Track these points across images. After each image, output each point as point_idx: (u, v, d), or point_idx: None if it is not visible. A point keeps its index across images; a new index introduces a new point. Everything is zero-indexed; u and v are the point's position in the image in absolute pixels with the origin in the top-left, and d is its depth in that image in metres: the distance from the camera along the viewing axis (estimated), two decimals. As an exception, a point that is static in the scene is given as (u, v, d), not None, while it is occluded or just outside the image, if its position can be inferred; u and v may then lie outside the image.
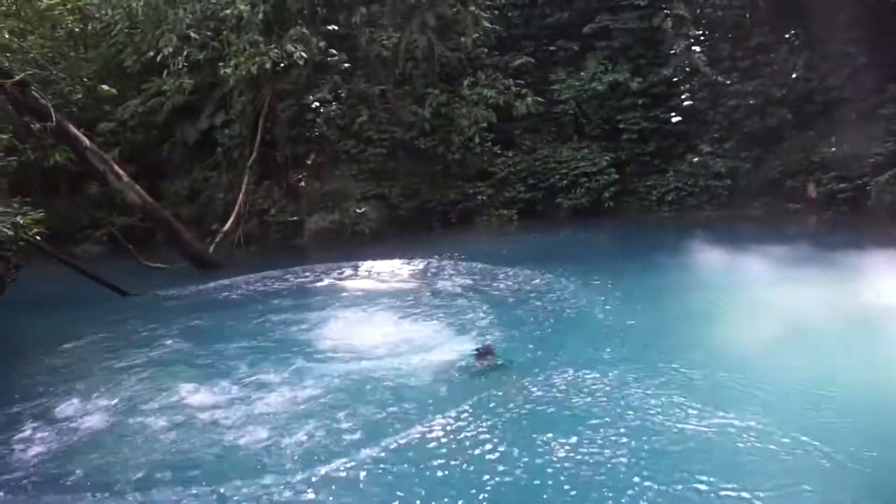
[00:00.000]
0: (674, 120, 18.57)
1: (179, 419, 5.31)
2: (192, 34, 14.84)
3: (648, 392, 5.45)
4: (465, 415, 5.23)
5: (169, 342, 7.81)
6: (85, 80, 16.46)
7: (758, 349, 6.22)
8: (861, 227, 13.61)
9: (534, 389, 5.77)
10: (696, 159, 18.20)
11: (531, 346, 7.21)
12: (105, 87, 11.77)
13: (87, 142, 12.03)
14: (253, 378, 6.27)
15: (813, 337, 6.56)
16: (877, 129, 14.85)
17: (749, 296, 8.29)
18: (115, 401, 5.86)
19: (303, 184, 18.11)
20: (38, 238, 9.55)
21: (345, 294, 10.38)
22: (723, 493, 3.90)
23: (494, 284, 10.25)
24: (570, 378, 5.95)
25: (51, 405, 5.83)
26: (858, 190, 14.65)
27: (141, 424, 5.26)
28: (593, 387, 5.69)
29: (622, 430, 4.79)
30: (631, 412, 5.10)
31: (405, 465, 4.49)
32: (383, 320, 8.16)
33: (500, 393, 5.71)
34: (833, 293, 7.69)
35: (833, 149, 16.04)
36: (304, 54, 14.20)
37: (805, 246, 11.27)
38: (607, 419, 5.02)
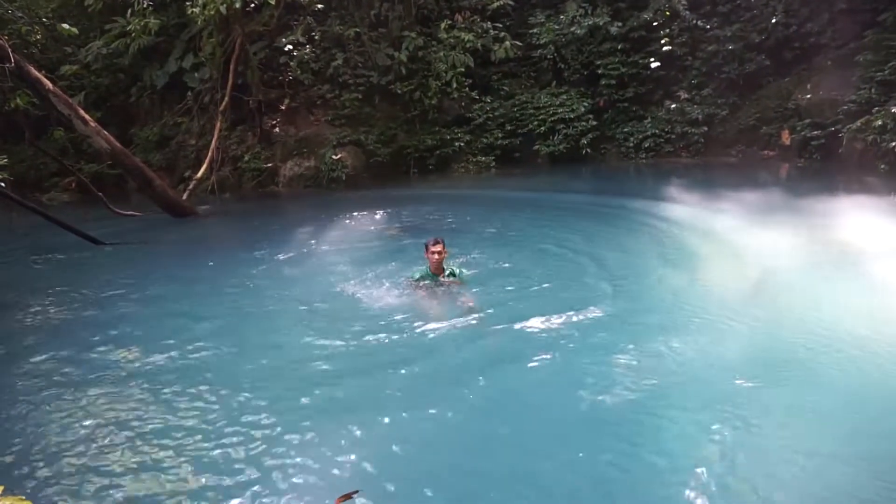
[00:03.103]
0: (653, 65, 18.40)
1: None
2: (157, -30, 14.17)
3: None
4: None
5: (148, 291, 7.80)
6: (44, 19, 15.76)
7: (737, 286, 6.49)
8: (831, 174, 13.83)
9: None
10: (673, 106, 18.19)
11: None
12: (66, 25, 11.23)
13: (49, 84, 11.56)
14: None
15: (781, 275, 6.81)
16: (852, 77, 14.88)
17: (722, 239, 8.53)
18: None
19: (277, 129, 17.77)
20: (2, 185, 9.29)
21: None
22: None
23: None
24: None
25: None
26: (831, 137, 14.79)
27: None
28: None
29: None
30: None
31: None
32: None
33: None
34: (798, 238, 7.94)
35: (809, 96, 16.10)
36: (275, -7, 13.68)
37: (775, 193, 11.47)
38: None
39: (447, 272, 6.61)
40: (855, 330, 5.16)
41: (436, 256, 6.42)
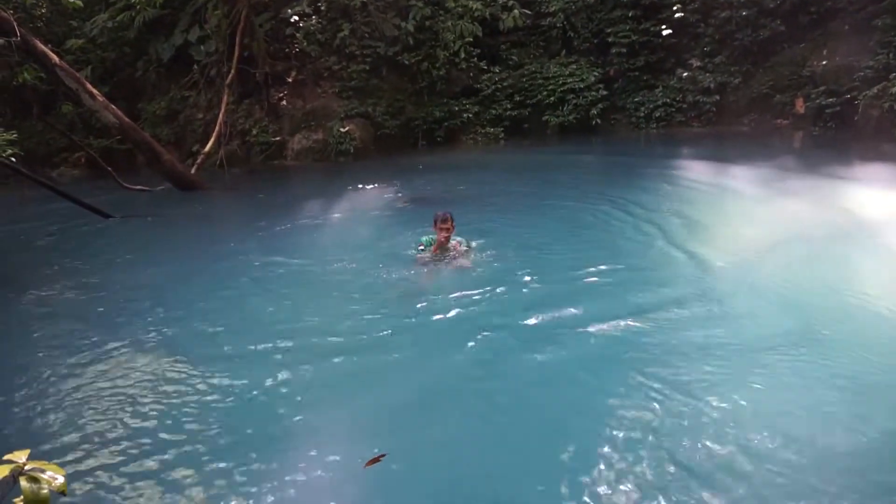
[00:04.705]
0: (664, 33, 18.04)
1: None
2: (160, -59, 13.96)
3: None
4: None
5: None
6: (48, -8, 15.61)
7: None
8: (846, 143, 13.61)
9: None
10: (685, 74, 17.88)
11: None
12: (70, -1, 11.15)
13: (55, 58, 11.50)
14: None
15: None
16: (870, 41, 14.53)
17: (737, 209, 8.48)
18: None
19: (284, 102, 17.65)
20: (13, 160, 9.31)
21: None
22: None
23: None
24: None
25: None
26: (847, 105, 14.52)
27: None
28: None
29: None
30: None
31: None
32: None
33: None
34: (807, 208, 7.87)
35: (824, 62, 15.75)
36: (279, -37, 13.46)
37: (788, 163, 11.33)
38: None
39: (458, 241, 6.62)
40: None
41: (443, 234, 6.44)
